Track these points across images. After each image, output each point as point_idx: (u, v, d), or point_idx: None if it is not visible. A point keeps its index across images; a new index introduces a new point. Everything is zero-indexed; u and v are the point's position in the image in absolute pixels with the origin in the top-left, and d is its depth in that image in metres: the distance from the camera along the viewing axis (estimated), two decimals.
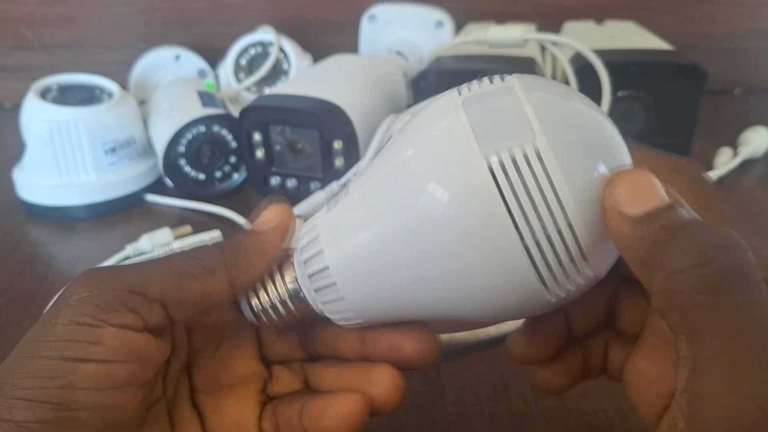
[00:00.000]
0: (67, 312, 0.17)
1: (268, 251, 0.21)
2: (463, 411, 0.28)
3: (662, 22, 0.74)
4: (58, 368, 0.17)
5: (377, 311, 0.20)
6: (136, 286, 0.18)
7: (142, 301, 0.18)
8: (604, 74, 0.46)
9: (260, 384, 0.23)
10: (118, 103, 0.50)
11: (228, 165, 0.51)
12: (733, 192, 0.50)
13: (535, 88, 0.18)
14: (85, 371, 0.17)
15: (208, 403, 0.22)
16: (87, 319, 0.17)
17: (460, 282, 0.18)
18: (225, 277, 0.20)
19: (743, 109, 0.72)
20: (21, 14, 0.73)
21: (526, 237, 0.17)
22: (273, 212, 0.22)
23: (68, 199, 0.48)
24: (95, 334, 0.17)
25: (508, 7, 0.75)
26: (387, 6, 0.70)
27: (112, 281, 0.18)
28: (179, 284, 0.19)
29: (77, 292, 0.18)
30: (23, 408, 0.16)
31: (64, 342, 0.17)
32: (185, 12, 0.74)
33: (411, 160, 0.18)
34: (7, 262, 0.42)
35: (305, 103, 0.45)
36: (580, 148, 0.17)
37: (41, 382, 0.16)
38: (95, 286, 0.18)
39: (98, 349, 0.17)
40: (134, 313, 0.18)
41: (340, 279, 0.20)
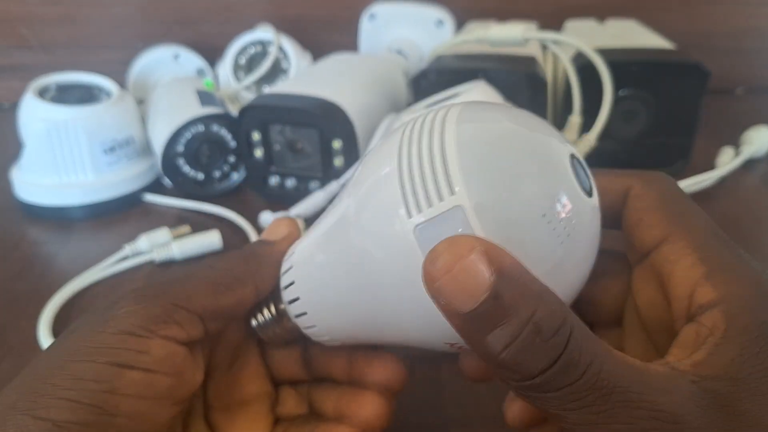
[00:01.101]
0: (116, 322, 0.18)
1: (280, 262, 0.23)
2: (463, 412, 0.28)
3: (664, 20, 0.73)
4: (105, 372, 0.17)
5: (346, 335, 0.22)
6: (181, 301, 0.20)
7: (186, 314, 0.19)
8: (605, 73, 0.46)
9: (269, 404, 0.24)
10: (117, 102, 0.49)
11: (227, 164, 0.51)
12: (736, 192, 0.50)
13: (470, 119, 0.18)
14: (131, 378, 0.18)
15: (221, 420, 0.23)
16: (137, 329, 0.18)
17: (394, 307, 0.18)
18: (254, 286, 0.22)
19: (745, 109, 0.72)
20: (20, 14, 0.73)
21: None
22: (282, 225, 0.24)
23: (67, 199, 0.47)
24: (144, 343, 0.18)
25: (509, 5, 0.75)
26: (387, 4, 0.69)
27: (159, 296, 0.20)
28: (216, 297, 0.21)
29: (126, 305, 0.19)
30: (63, 408, 0.16)
31: (114, 349, 0.18)
32: (184, 11, 0.74)
33: (353, 213, 0.19)
34: (5, 262, 0.42)
35: (305, 103, 0.45)
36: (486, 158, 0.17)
37: (86, 384, 0.17)
38: (143, 300, 0.19)
39: (146, 358, 0.18)
40: (179, 326, 0.19)
41: (309, 309, 0.21)
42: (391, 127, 0.45)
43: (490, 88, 0.42)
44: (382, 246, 0.18)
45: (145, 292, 0.20)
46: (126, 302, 0.19)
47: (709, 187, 0.49)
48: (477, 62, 0.49)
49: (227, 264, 0.22)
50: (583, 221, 0.17)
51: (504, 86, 0.44)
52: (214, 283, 0.21)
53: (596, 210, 0.18)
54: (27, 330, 0.34)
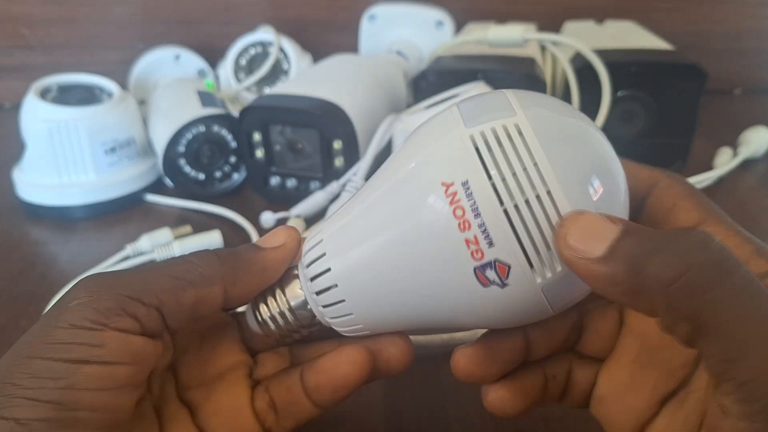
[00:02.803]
0: (68, 316, 0.18)
1: (270, 269, 0.21)
2: (463, 411, 0.28)
3: (662, 21, 0.74)
4: (61, 369, 0.17)
5: (385, 321, 0.21)
6: (135, 292, 0.19)
7: (141, 306, 0.19)
8: (604, 74, 0.46)
9: (247, 370, 0.24)
10: (118, 103, 0.49)
11: (228, 165, 0.51)
12: (734, 192, 0.50)
13: (532, 105, 0.18)
14: (88, 372, 0.17)
15: (198, 395, 0.23)
16: (88, 323, 0.18)
17: (460, 287, 0.18)
18: (221, 287, 0.20)
19: (743, 109, 0.72)
20: (20, 14, 0.73)
21: (522, 236, 0.17)
22: (281, 233, 0.22)
23: (68, 199, 0.48)
24: (97, 337, 0.18)
25: (508, 6, 0.75)
26: (387, 6, 0.70)
27: (112, 287, 0.19)
28: (175, 292, 0.19)
29: (77, 296, 0.18)
30: (25, 406, 0.16)
31: (67, 345, 0.17)
32: (185, 12, 0.74)
33: (412, 174, 0.19)
34: (6, 262, 0.42)
35: (305, 103, 0.45)
36: (573, 159, 0.17)
37: (44, 383, 0.17)
38: (95, 291, 0.18)
39: (100, 351, 0.18)
40: (133, 318, 0.18)
41: (348, 296, 0.20)
42: (392, 127, 0.45)
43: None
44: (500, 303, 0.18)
45: (98, 281, 0.19)
46: (78, 292, 0.18)
47: (707, 188, 0.49)
48: (476, 63, 0.49)
49: (197, 259, 0.20)
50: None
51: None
52: (176, 278, 0.20)
53: None
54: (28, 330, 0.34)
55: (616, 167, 0.18)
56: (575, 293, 0.18)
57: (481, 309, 0.18)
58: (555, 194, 0.17)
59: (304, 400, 0.22)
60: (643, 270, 0.15)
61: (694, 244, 0.15)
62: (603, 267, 0.16)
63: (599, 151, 0.18)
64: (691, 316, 0.15)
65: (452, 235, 0.18)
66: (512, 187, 0.17)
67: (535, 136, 0.17)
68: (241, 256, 0.21)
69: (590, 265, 0.16)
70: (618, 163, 0.19)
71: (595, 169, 0.18)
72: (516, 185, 0.17)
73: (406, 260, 0.19)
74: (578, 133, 0.18)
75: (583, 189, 0.17)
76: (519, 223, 0.17)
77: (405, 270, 0.19)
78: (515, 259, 0.17)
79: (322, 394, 0.22)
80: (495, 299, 0.18)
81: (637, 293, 0.16)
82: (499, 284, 0.17)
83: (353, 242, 0.20)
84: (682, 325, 0.15)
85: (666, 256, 0.15)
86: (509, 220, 0.17)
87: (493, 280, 0.17)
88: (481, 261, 0.17)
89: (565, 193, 0.17)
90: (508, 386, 0.22)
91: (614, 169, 0.18)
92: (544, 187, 0.17)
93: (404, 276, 0.19)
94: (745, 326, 0.14)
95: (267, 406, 0.23)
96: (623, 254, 0.16)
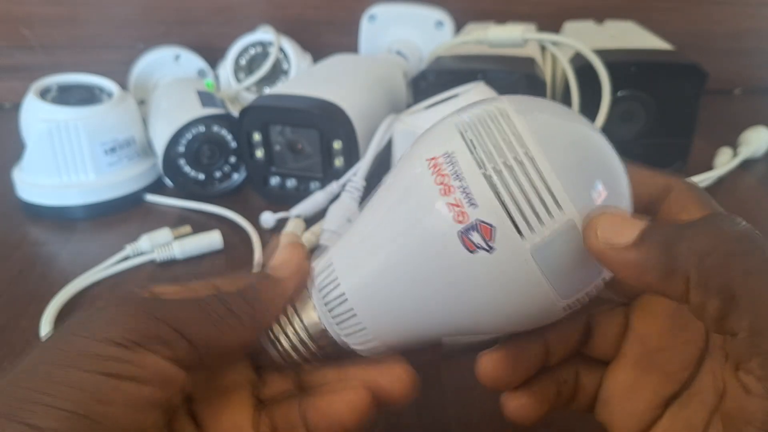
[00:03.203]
0: (108, 331, 0.18)
1: (288, 298, 0.22)
2: (463, 411, 0.28)
3: (662, 21, 0.74)
4: (91, 381, 0.17)
5: (400, 335, 0.21)
6: (175, 323, 0.19)
7: (178, 338, 0.19)
8: (604, 74, 0.46)
9: (251, 388, 0.24)
10: (118, 103, 0.49)
11: (228, 165, 0.51)
12: (734, 192, 0.50)
13: (531, 110, 0.19)
14: (126, 390, 0.17)
15: (204, 411, 0.22)
16: (126, 342, 0.18)
17: (472, 290, 0.18)
18: (253, 327, 0.21)
19: (743, 109, 0.72)
20: (21, 14, 0.73)
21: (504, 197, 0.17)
22: (289, 254, 0.22)
23: (68, 199, 0.48)
24: (131, 355, 0.18)
25: (508, 6, 0.75)
26: (387, 6, 0.70)
27: (154, 312, 0.19)
28: (211, 331, 0.20)
29: (121, 313, 0.18)
30: (49, 415, 0.16)
31: (103, 359, 0.17)
32: (185, 12, 0.74)
33: (415, 184, 0.19)
34: (7, 262, 0.42)
35: (305, 103, 0.45)
36: (577, 165, 0.18)
37: (73, 393, 0.17)
38: (139, 313, 0.19)
39: (134, 369, 0.18)
40: (168, 347, 0.19)
41: (360, 310, 0.20)
42: (391, 127, 0.45)
43: (490, 90, 0.43)
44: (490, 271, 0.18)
45: (141, 303, 0.19)
46: (119, 310, 0.19)
47: (707, 188, 0.49)
48: (476, 63, 0.49)
49: (230, 302, 0.20)
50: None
51: (503, 87, 0.45)
52: (215, 320, 0.20)
53: None
54: (28, 330, 0.35)
55: (615, 167, 0.19)
56: (574, 270, 0.18)
57: (478, 288, 0.18)
58: (537, 159, 0.17)
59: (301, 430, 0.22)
60: (676, 248, 0.16)
61: (722, 220, 0.16)
62: (634, 253, 0.16)
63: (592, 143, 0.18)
64: (723, 288, 0.15)
65: (436, 201, 0.18)
66: (493, 153, 0.18)
67: (525, 122, 0.18)
68: (262, 292, 0.21)
69: (622, 253, 0.16)
70: (618, 163, 0.19)
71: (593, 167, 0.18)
72: (496, 152, 0.18)
73: (405, 252, 0.19)
74: (576, 132, 0.18)
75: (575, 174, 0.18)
76: (500, 184, 0.17)
77: (406, 265, 0.19)
78: (498, 219, 0.17)
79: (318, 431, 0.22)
80: (486, 268, 0.18)
81: (670, 273, 0.16)
82: (485, 248, 0.17)
83: (363, 258, 0.20)
84: (713, 300, 0.15)
85: (697, 234, 0.16)
86: (490, 182, 0.17)
87: (478, 243, 0.17)
88: (464, 224, 0.17)
89: (548, 158, 0.17)
90: (528, 394, 0.22)
91: (616, 170, 0.18)
92: (523, 151, 0.17)
93: (406, 271, 0.19)
94: None
95: (269, 430, 0.23)
96: (654, 238, 0.16)
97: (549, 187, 0.17)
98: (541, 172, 0.17)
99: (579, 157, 0.18)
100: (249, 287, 0.21)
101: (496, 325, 0.19)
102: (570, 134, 0.18)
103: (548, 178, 0.17)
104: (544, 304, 0.18)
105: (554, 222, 0.17)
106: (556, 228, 0.17)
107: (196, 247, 0.42)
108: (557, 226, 0.17)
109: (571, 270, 0.18)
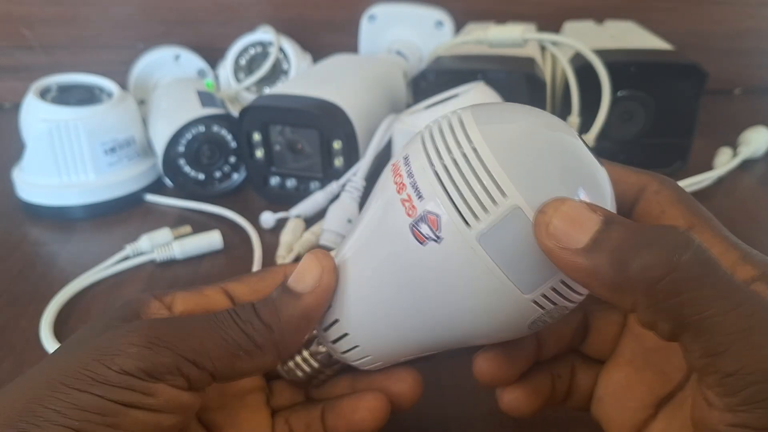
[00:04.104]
0: (123, 361, 0.18)
1: (312, 319, 0.21)
2: (462, 411, 0.28)
3: (662, 21, 0.74)
4: (110, 408, 0.17)
5: (388, 346, 0.21)
6: (193, 354, 0.19)
7: (195, 370, 0.19)
8: (603, 74, 0.46)
9: (265, 396, 0.24)
10: (118, 103, 0.50)
11: (228, 165, 0.51)
12: (733, 192, 0.50)
13: (487, 113, 0.19)
14: (135, 417, 0.17)
15: (220, 418, 0.23)
16: (143, 374, 0.18)
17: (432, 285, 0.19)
18: (276, 355, 0.20)
19: (743, 109, 0.72)
20: (21, 14, 0.73)
21: (448, 186, 0.18)
22: (316, 269, 0.21)
23: (68, 199, 0.48)
24: (149, 388, 0.18)
25: (508, 6, 0.75)
26: (387, 6, 0.70)
27: (171, 343, 0.18)
28: (231, 360, 0.19)
29: (136, 343, 0.18)
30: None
31: (119, 388, 0.17)
32: (185, 12, 0.74)
33: (380, 189, 0.20)
34: (6, 262, 0.42)
35: (305, 103, 0.45)
36: (528, 157, 0.18)
37: (90, 417, 0.17)
38: (154, 344, 0.18)
39: (151, 400, 0.18)
40: (186, 379, 0.18)
41: (352, 330, 0.21)
42: (391, 127, 0.45)
43: (489, 89, 0.43)
44: (442, 262, 0.18)
45: (159, 332, 0.18)
46: (136, 337, 0.18)
47: (707, 188, 0.49)
48: (476, 63, 0.49)
49: (249, 327, 0.20)
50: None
51: (503, 87, 0.45)
52: (232, 347, 0.19)
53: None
54: (28, 330, 0.35)
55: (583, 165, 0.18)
56: (529, 259, 0.18)
57: (436, 282, 0.18)
58: (481, 151, 0.18)
59: None
60: (627, 267, 0.15)
61: (677, 243, 0.15)
62: (585, 259, 0.16)
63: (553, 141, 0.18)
64: (673, 314, 0.15)
65: (392, 200, 0.19)
66: (442, 151, 0.18)
67: (475, 122, 0.19)
68: (287, 317, 0.20)
69: (572, 257, 0.16)
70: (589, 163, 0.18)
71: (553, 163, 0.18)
72: (446, 150, 0.18)
73: (376, 258, 0.20)
74: (530, 129, 0.19)
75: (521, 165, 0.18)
76: (445, 176, 0.18)
77: (379, 270, 0.20)
78: (443, 209, 0.18)
79: None
80: (436, 259, 0.18)
81: (618, 289, 0.16)
82: (434, 239, 0.18)
83: (354, 280, 0.21)
84: (662, 323, 0.15)
85: (650, 254, 0.15)
86: (437, 175, 0.18)
87: (427, 234, 0.18)
88: (414, 217, 0.18)
89: (492, 150, 0.18)
90: (522, 387, 0.22)
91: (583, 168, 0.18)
92: (470, 145, 0.18)
93: (381, 276, 0.20)
94: (727, 322, 0.15)
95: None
96: (606, 248, 0.16)
97: (492, 176, 0.17)
98: (485, 163, 0.17)
99: (531, 151, 0.18)
100: (275, 315, 0.20)
101: (471, 325, 0.19)
102: (522, 130, 0.19)
103: (491, 168, 0.17)
104: (507, 298, 0.18)
105: (498, 209, 0.17)
106: (501, 214, 0.17)
107: (196, 247, 0.42)
108: (502, 212, 0.17)
109: (525, 258, 0.18)
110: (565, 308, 0.19)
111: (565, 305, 0.19)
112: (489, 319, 0.19)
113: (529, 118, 0.19)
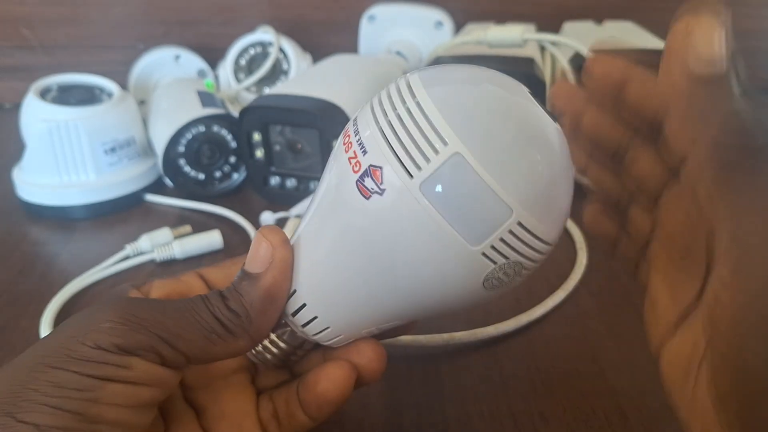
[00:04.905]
0: (97, 336, 0.18)
1: (276, 297, 0.21)
2: (462, 411, 0.28)
3: (662, 22, 0.73)
4: (86, 383, 0.17)
5: (350, 321, 0.21)
6: (167, 335, 0.19)
7: (169, 349, 0.19)
8: None
9: (250, 376, 0.24)
10: (118, 103, 0.50)
11: (228, 165, 0.51)
12: None
13: (433, 74, 0.19)
14: (113, 390, 0.18)
15: (205, 397, 0.23)
16: (116, 349, 0.18)
17: (381, 241, 0.19)
18: (249, 338, 0.20)
19: None
20: (21, 14, 0.73)
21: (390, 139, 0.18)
22: (266, 246, 0.21)
23: (68, 199, 0.48)
24: (124, 360, 0.18)
25: (508, 7, 0.75)
26: (386, 6, 0.70)
27: (146, 322, 0.19)
28: (205, 345, 0.20)
29: (111, 319, 0.18)
30: (46, 413, 0.16)
31: (94, 363, 0.18)
32: (185, 12, 0.74)
33: (333, 157, 0.21)
34: (7, 262, 0.42)
35: (305, 103, 0.45)
36: (469, 109, 0.18)
37: (68, 393, 0.17)
38: (130, 321, 0.19)
39: (126, 373, 0.18)
40: (160, 356, 0.19)
41: (309, 300, 0.21)
42: None
43: None
44: (387, 214, 0.18)
45: (135, 311, 0.19)
46: (112, 314, 0.18)
47: None
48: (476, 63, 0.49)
49: (224, 314, 0.20)
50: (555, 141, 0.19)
51: None
52: (207, 333, 0.19)
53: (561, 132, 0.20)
54: (29, 330, 0.35)
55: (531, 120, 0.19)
56: (473, 207, 0.17)
57: (384, 238, 0.18)
58: (424, 104, 0.18)
59: (300, 413, 0.23)
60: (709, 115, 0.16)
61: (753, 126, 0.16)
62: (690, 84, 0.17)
63: (499, 97, 0.19)
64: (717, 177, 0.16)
65: (340, 159, 0.19)
66: (387, 109, 0.19)
67: (420, 81, 0.19)
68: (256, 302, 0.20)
69: (682, 72, 0.17)
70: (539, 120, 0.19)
71: (498, 115, 0.18)
72: (390, 107, 0.19)
73: (330, 224, 0.20)
74: (475, 85, 0.19)
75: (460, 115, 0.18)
76: (389, 130, 0.18)
77: (333, 235, 0.20)
78: (386, 160, 0.18)
79: (310, 409, 0.22)
80: (381, 211, 0.18)
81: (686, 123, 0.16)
82: (377, 191, 0.18)
83: (312, 257, 0.21)
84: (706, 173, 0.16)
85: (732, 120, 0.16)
86: (381, 130, 0.18)
87: (371, 188, 0.18)
88: (359, 172, 0.18)
89: (434, 103, 0.18)
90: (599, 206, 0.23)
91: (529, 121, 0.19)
92: (414, 100, 0.18)
93: (334, 242, 0.20)
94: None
95: (271, 416, 0.23)
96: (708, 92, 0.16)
97: (434, 126, 0.17)
98: (427, 114, 0.18)
99: (473, 102, 0.18)
100: (247, 302, 0.20)
101: (423, 285, 0.19)
102: (464, 84, 0.19)
103: (433, 118, 0.18)
104: (455, 251, 0.18)
105: (440, 157, 0.17)
106: (443, 161, 0.17)
107: (196, 247, 0.42)
108: (443, 159, 0.17)
109: (469, 207, 0.17)
110: (520, 264, 0.19)
111: (518, 260, 0.18)
112: (440, 277, 0.18)
113: (473, 73, 0.19)
